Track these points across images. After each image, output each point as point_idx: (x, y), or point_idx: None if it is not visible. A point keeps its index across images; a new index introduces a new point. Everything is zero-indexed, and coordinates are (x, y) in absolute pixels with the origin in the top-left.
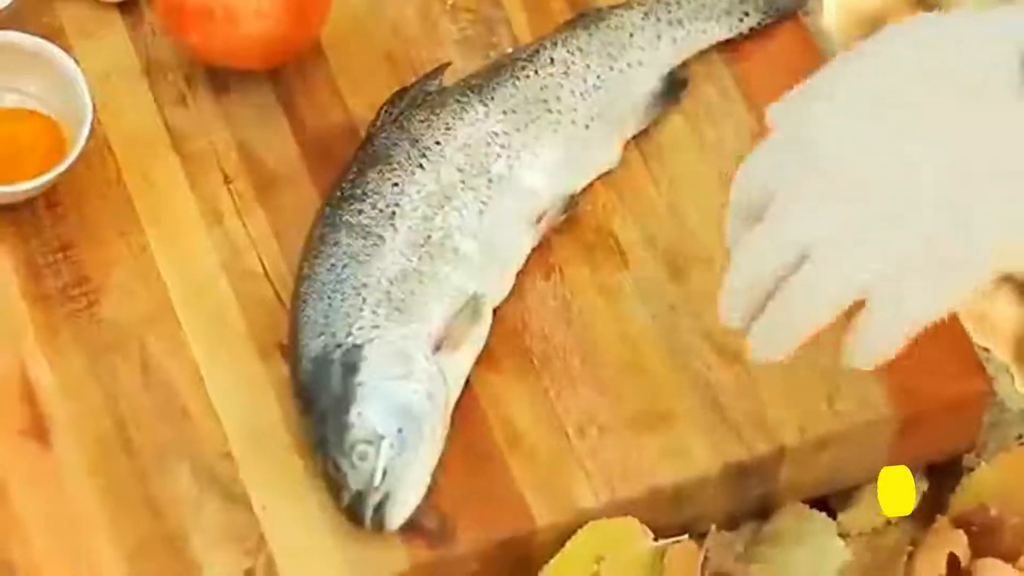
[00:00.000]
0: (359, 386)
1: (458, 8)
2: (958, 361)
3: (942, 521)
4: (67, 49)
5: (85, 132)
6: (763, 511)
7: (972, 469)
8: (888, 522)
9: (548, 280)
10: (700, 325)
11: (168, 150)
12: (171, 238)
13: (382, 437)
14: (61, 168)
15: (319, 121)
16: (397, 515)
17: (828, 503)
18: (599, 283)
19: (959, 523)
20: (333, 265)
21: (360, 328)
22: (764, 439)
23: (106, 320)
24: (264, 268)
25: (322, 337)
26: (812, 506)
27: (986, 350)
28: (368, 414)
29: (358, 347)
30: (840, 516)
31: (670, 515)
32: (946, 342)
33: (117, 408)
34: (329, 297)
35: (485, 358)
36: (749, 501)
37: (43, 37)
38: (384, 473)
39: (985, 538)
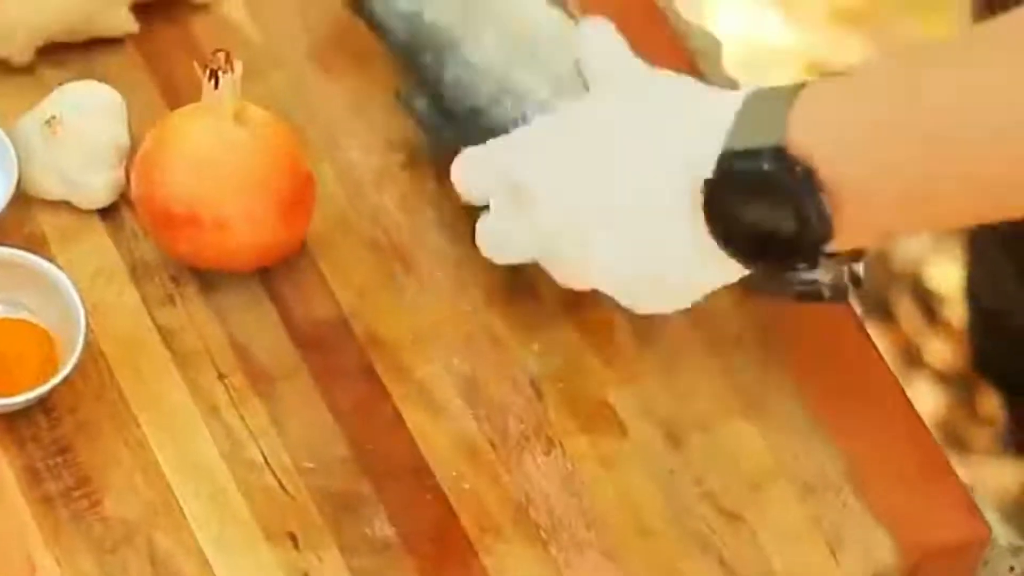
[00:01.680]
0: None
1: (440, 195)
2: (958, 510)
3: None
4: (51, 257)
5: (80, 345)
6: None
7: None
8: None
9: (549, 455)
10: (701, 489)
11: (160, 348)
12: (169, 433)
13: None
14: (56, 380)
15: (309, 314)
16: None
17: None
18: (599, 454)
19: None
20: None
21: None
22: None
23: (111, 518)
24: (265, 458)
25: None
26: None
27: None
28: None
29: None
30: None
31: None
32: (944, 491)
33: None
34: None
35: (492, 530)
36: None
37: (26, 248)
38: None
39: None
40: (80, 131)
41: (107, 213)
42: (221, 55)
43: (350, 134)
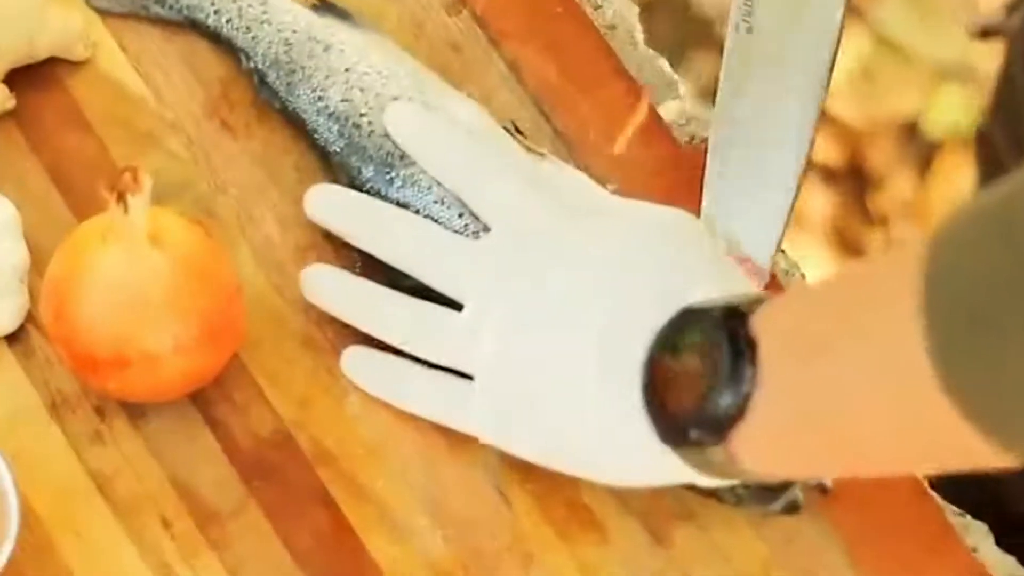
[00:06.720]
0: None
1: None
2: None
3: None
4: None
5: (14, 531)
6: None
7: None
8: None
9: (528, 572)
10: None
11: (97, 499)
12: None
13: None
14: None
15: (250, 433)
16: None
17: None
18: (581, 563)
19: None
20: None
21: None
22: None
23: None
24: None
25: None
26: None
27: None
28: None
29: None
30: None
31: None
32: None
33: None
34: None
35: None
36: None
37: None
38: None
39: None
40: None
41: (15, 340)
42: (128, 175)
43: (264, 205)
